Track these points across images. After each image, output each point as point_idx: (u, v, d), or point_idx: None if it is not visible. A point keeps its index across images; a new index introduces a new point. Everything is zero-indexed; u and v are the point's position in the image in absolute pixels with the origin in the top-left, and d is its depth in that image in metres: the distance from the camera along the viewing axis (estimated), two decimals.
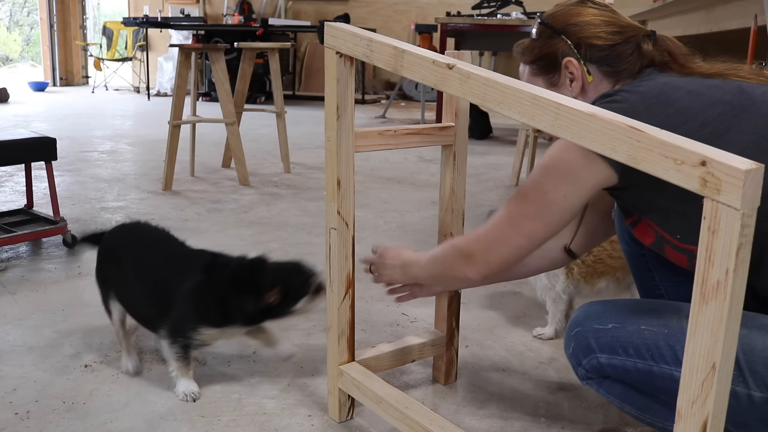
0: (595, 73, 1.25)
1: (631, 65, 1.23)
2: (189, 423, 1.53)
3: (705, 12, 3.84)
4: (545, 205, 1.13)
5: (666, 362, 1.10)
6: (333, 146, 1.40)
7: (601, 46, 1.24)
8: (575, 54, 1.25)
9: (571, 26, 1.26)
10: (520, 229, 1.16)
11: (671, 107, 1.09)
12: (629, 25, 1.26)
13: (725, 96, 1.10)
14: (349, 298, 1.50)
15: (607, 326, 1.18)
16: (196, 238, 2.90)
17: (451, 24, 6.02)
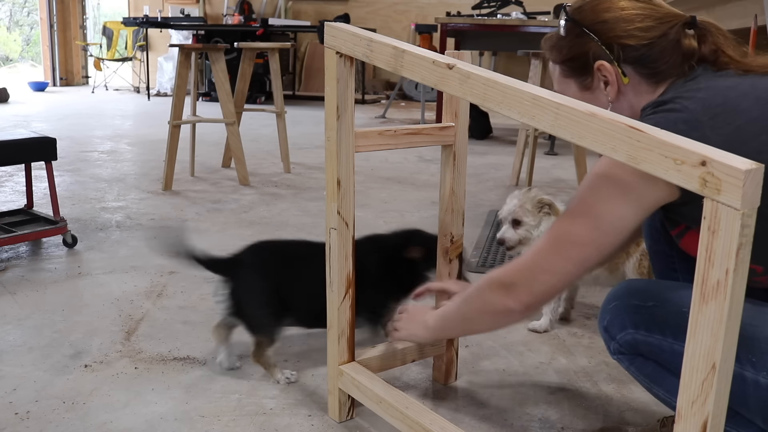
0: (632, 74, 1.15)
1: (671, 63, 1.12)
2: (189, 423, 1.53)
3: (705, 12, 3.84)
4: (599, 229, 1.03)
5: None
6: (333, 146, 1.40)
7: (636, 45, 1.12)
8: (607, 56, 1.14)
9: (600, 24, 1.15)
10: (570, 255, 1.07)
11: (740, 118, 1.00)
12: (666, 15, 1.13)
13: None
14: (349, 298, 1.50)
15: (647, 303, 1.14)
16: (196, 238, 2.90)
17: (451, 24, 6.02)
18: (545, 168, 4.64)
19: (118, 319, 2.07)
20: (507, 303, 1.14)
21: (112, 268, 2.52)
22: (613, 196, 1.01)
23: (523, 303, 1.13)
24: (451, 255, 1.62)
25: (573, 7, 1.19)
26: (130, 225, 3.09)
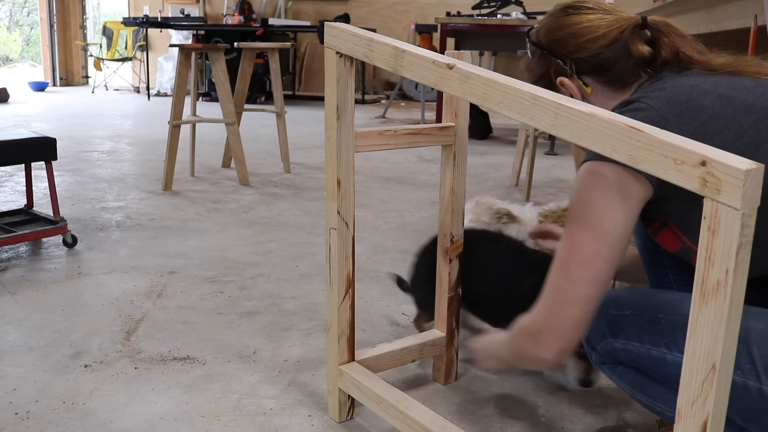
0: (593, 83, 1.20)
1: (626, 68, 1.17)
2: (189, 423, 1.53)
3: (705, 12, 3.84)
4: (599, 241, 1.03)
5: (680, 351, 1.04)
6: (333, 146, 1.40)
7: (584, 58, 1.18)
8: (565, 71, 1.21)
9: (554, 43, 1.21)
10: (583, 277, 1.05)
11: (704, 114, 1.03)
12: (614, 22, 1.18)
13: (759, 101, 1.04)
14: (349, 298, 1.50)
15: (624, 312, 1.15)
16: (196, 238, 2.90)
17: (451, 24, 6.02)
18: (545, 168, 4.64)
19: (118, 319, 2.07)
20: (538, 353, 1.12)
21: (112, 268, 2.53)
22: (599, 205, 1.02)
23: (554, 349, 1.10)
24: (451, 255, 1.62)
25: (533, 31, 1.27)
26: (130, 225, 3.09)
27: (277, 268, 2.55)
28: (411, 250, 2.15)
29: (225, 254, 2.70)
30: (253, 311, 2.16)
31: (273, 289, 2.35)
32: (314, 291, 2.33)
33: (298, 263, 2.61)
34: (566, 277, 1.06)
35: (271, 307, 2.20)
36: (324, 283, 2.40)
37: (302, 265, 2.59)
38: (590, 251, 1.03)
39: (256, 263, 2.61)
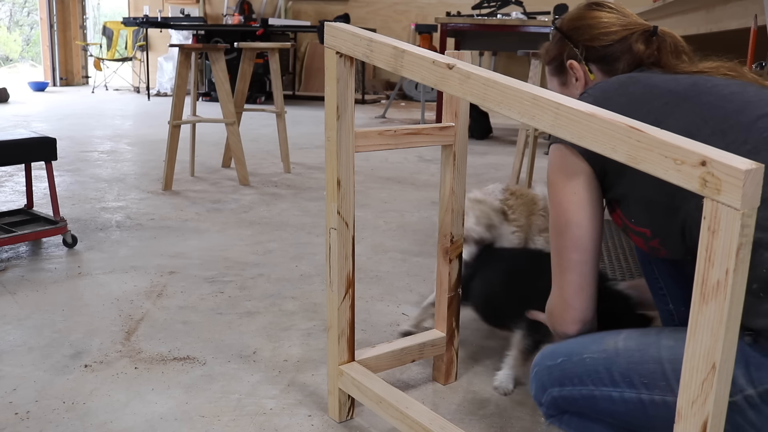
0: (597, 72, 1.34)
1: (624, 63, 1.30)
2: (189, 423, 1.53)
3: (705, 12, 3.84)
4: (564, 210, 1.19)
5: (604, 384, 1.12)
6: (333, 146, 1.40)
7: (596, 47, 1.32)
8: (576, 56, 1.35)
9: (574, 30, 1.35)
10: (566, 246, 1.19)
11: (624, 98, 1.17)
12: (629, 24, 1.32)
13: (676, 88, 1.15)
14: (349, 298, 1.50)
15: (557, 361, 1.21)
16: (196, 238, 2.90)
17: (451, 24, 6.02)
18: (545, 168, 4.64)
19: (118, 319, 2.07)
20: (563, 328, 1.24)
21: (112, 268, 2.53)
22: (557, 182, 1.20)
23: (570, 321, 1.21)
24: (451, 255, 1.62)
25: (560, 18, 1.41)
26: (130, 225, 3.09)
27: (277, 268, 2.55)
28: (411, 250, 2.15)
29: (225, 254, 2.70)
30: (253, 311, 2.16)
31: (273, 289, 2.35)
32: (314, 291, 2.33)
33: (298, 263, 2.61)
34: (554, 251, 1.22)
35: (271, 307, 2.20)
36: (324, 283, 2.40)
37: (302, 265, 2.59)
38: (562, 221, 1.19)
39: (256, 263, 2.61)
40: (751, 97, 1.10)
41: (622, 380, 1.10)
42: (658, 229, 1.14)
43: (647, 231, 1.16)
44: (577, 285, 1.20)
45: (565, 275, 1.20)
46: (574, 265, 1.19)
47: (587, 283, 1.20)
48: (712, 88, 1.14)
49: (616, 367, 1.10)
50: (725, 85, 1.14)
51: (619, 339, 1.14)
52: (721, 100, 1.10)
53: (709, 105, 1.10)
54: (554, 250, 1.22)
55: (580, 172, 1.18)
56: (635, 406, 1.08)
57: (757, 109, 1.07)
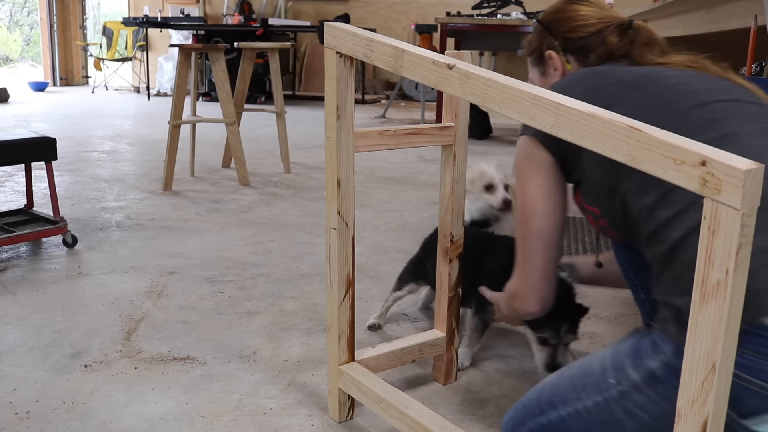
0: (573, 62, 1.41)
1: (597, 55, 1.36)
2: (189, 423, 1.53)
3: (705, 12, 3.84)
4: (530, 200, 1.27)
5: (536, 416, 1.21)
6: (333, 146, 1.40)
7: (573, 38, 1.39)
8: (555, 46, 1.41)
9: (554, 22, 1.42)
10: (532, 234, 1.27)
11: (581, 87, 1.23)
12: (606, 17, 1.38)
13: (628, 78, 1.21)
14: (349, 298, 1.50)
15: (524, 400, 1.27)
16: (196, 238, 2.90)
17: (451, 24, 6.02)
18: None
19: (118, 319, 2.07)
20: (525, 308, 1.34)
21: (112, 268, 2.53)
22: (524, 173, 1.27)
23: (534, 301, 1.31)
24: (451, 255, 1.62)
25: (541, 13, 1.49)
26: (130, 225, 3.09)
27: (277, 268, 2.55)
28: (411, 250, 2.15)
29: (225, 254, 2.70)
30: (253, 311, 2.16)
31: (273, 289, 2.35)
32: (314, 291, 2.33)
33: (298, 263, 2.61)
34: (520, 236, 1.30)
35: (271, 307, 2.20)
36: (324, 283, 2.40)
37: (302, 265, 2.59)
38: (528, 211, 1.27)
39: (256, 263, 2.61)
40: (695, 88, 1.15)
41: (547, 406, 1.19)
42: (605, 208, 1.21)
43: (597, 210, 1.24)
44: (542, 269, 1.29)
45: (531, 260, 1.29)
46: (539, 251, 1.28)
47: (551, 268, 1.29)
48: (661, 78, 1.19)
49: (542, 397, 1.21)
50: (675, 75, 1.20)
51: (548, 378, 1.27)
52: (665, 89, 1.16)
53: (653, 94, 1.16)
54: (520, 237, 1.30)
55: (544, 162, 1.25)
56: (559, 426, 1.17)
57: (696, 99, 1.13)
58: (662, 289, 1.07)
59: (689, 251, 1.01)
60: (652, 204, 1.07)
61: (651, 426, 1.06)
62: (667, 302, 1.05)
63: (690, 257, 1.01)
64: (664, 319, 1.05)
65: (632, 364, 1.08)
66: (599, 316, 2.16)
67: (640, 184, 1.10)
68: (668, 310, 1.04)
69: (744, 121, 1.10)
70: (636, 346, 1.10)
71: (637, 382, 1.06)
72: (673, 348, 1.02)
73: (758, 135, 1.08)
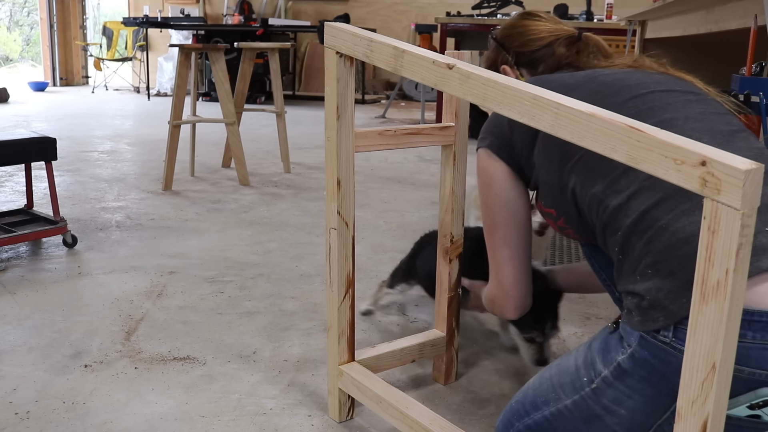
0: (526, 75, 1.45)
1: (546, 66, 1.42)
2: (189, 423, 1.53)
3: (705, 12, 3.84)
4: (493, 210, 1.32)
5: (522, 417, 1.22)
6: (333, 146, 1.40)
7: (524, 52, 1.44)
8: (508, 61, 1.46)
9: (506, 38, 1.47)
10: (498, 244, 1.33)
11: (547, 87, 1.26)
12: (556, 30, 1.44)
13: (570, 80, 1.26)
14: (349, 298, 1.50)
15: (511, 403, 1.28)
16: (196, 238, 2.90)
17: (451, 24, 6.02)
18: None
19: (118, 319, 2.07)
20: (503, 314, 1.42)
21: (112, 268, 2.53)
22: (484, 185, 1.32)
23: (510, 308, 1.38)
24: (451, 255, 1.62)
25: (496, 28, 1.53)
26: (130, 225, 3.09)
27: (277, 268, 2.55)
28: None
29: (225, 254, 2.70)
30: (253, 311, 2.16)
31: (273, 289, 2.35)
32: (314, 291, 2.34)
33: (298, 263, 2.61)
34: (488, 247, 1.35)
35: (271, 307, 2.20)
36: (324, 283, 2.40)
37: (302, 265, 2.59)
38: (489, 222, 1.33)
39: (256, 263, 2.61)
40: (631, 82, 1.20)
41: (531, 408, 1.21)
42: (559, 207, 1.24)
43: (553, 210, 1.26)
44: (513, 278, 1.34)
45: (501, 270, 1.34)
46: (506, 260, 1.33)
47: (522, 274, 1.34)
48: (600, 77, 1.24)
49: (527, 399, 1.23)
50: (613, 74, 1.25)
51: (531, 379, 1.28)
52: (602, 86, 1.20)
53: (590, 91, 1.19)
54: (488, 248, 1.35)
55: (499, 172, 1.30)
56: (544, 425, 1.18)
57: (631, 92, 1.17)
58: (624, 280, 1.07)
59: (643, 236, 1.02)
60: (601, 194, 1.10)
61: (630, 419, 1.06)
62: (630, 291, 1.04)
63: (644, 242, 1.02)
64: (628, 310, 1.05)
65: (602, 359, 1.08)
66: (599, 316, 2.16)
67: (586, 177, 1.13)
68: (631, 300, 1.04)
69: (680, 108, 1.14)
70: (605, 341, 1.10)
71: (607, 377, 1.07)
72: (637, 338, 1.02)
73: (694, 119, 1.11)
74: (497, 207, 1.31)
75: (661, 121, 1.09)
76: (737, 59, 3.04)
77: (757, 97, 2.32)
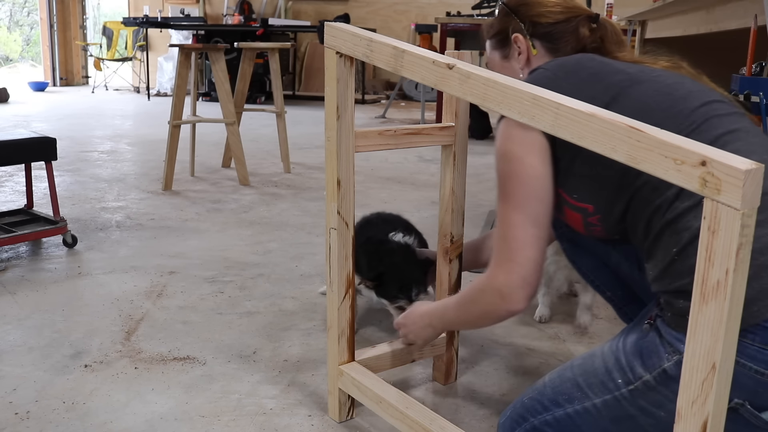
0: (539, 47, 1.38)
1: (568, 43, 1.35)
2: (189, 423, 1.53)
3: (705, 12, 3.84)
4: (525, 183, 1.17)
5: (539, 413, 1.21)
6: (333, 146, 1.40)
7: (544, 23, 1.37)
8: (522, 30, 1.38)
9: (522, 6, 1.40)
10: (525, 222, 1.16)
11: (585, 72, 1.22)
12: (574, 8, 1.39)
13: (628, 69, 1.22)
14: (349, 298, 1.50)
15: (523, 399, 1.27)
16: (196, 238, 2.90)
17: (451, 24, 6.02)
18: None
19: (118, 319, 2.07)
20: (509, 307, 1.20)
21: (112, 268, 2.53)
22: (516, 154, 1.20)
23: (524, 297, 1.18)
24: (451, 255, 1.62)
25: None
26: (130, 225, 3.09)
27: (277, 268, 2.55)
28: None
29: (225, 254, 2.70)
30: (253, 311, 2.16)
31: (273, 289, 2.35)
32: (314, 291, 2.33)
33: (298, 263, 2.61)
34: (509, 226, 1.17)
35: (271, 307, 2.20)
36: (324, 283, 2.40)
37: (302, 265, 2.59)
38: (521, 196, 1.17)
39: (256, 263, 2.61)
40: (690, 88, 1.18)
41: (551, 404, 1.19)
42: (603, 205, 1.17)
43: (590, 207, 1.19)
44: (536, 261, 1.17)
45: (524, 252, 1.16)
46: (534, 240, 1.16)
47: (543, 258, 1.19)
48: (657, 77, 1.20)
49: (544, 396, 1.20)
50: (667, 75, 1.22)
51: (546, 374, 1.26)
52: (667, 87, 1.17)
53: (657, 91, 1.16)
54: (510, 227, 1.17)
55: (536, 144, 1.17)
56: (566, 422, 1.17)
57: (697, 99, 1.14)
58: (676, 281, 1.03)
59: None
60: (674, 197, 1.05)
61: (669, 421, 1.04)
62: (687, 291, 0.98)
63: None
64: (679, 313, 1.01)
65: (642, 364, 1.08)
66: (599, 316, 2.16)
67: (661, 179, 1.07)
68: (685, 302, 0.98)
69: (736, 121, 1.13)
70: (641, 344, 1.09)
71: (649, 381, 1.06)
72: None
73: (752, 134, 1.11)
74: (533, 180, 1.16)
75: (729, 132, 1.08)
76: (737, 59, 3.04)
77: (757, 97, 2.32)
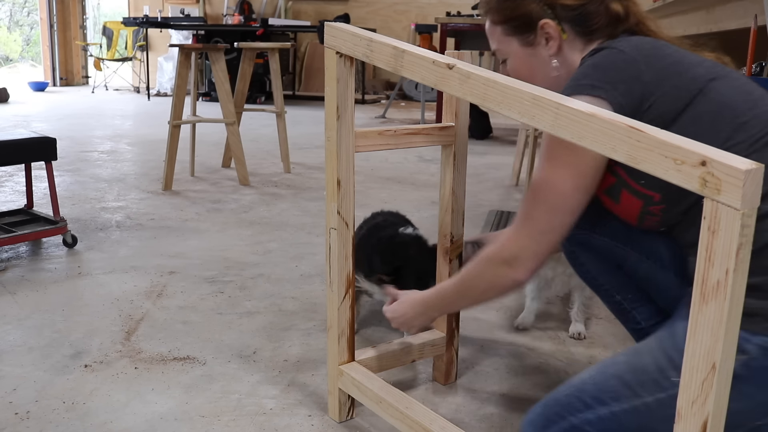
0: (569, 31, 1.27)
1: (600, 24, 1.25)
2: (189, 423, 1.53)
3: (705, 12, 3.84)
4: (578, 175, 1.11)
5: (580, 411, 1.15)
6: (333, 146, 1.40)
7: (572, 5, 1.25)
8: (550, 15, 1.26)
9: None
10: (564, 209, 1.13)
11: (668, 58, 1.14)
12: None
13: (705, 61, 1.16)
14: (349, 298, 1.50)
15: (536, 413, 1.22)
16: (196, 238, 2.90)
17: (451, 24, 6.02)
18: None
19: (118, 319, 2.07)
20: (515, 276, 1.18)
21: (112, 268, 2.53)
22: None
23: (529, 269, 1.17)
24: (451, 255, 1.62)
25: None
26: (130, 225, 3.09)
27: (277, 268, 2.55)
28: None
29: (225, 254, 2.70)
30: (253, 311, 2.16)
31: (273, 289, 2.35)
32: (314, 291, 2.33)
33: (298, 263, 2.61)
34: (549, 210, 1.13)
35: (271, 307, 2.20)
36: (324, 283, 2.40)
37: (302, 265, 2.59)
38: (570, 185, 1.11)
39: (256, 263, 2.61)
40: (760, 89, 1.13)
41: (594, 402, 1.13)
42: (674, 196, 1.11)
43: (656, 195, 1.13)
44: (554, 244, 1.16)
45: (548, 235, 1.14)
46: (563, 227, 1.14)
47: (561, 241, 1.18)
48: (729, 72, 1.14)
49: (585, 394, 1.14)
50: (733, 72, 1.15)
51: (584, 372, 1.19)
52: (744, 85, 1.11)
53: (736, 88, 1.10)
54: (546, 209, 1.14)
55: None
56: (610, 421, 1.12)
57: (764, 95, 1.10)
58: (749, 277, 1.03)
59: None
60: None
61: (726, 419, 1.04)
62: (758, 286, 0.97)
63: None
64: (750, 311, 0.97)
65: None
66: (599, 317, 2.16)
67: None
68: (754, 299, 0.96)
69: None
70: None
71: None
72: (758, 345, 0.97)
73: None
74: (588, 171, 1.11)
75: None
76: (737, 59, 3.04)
77: None
